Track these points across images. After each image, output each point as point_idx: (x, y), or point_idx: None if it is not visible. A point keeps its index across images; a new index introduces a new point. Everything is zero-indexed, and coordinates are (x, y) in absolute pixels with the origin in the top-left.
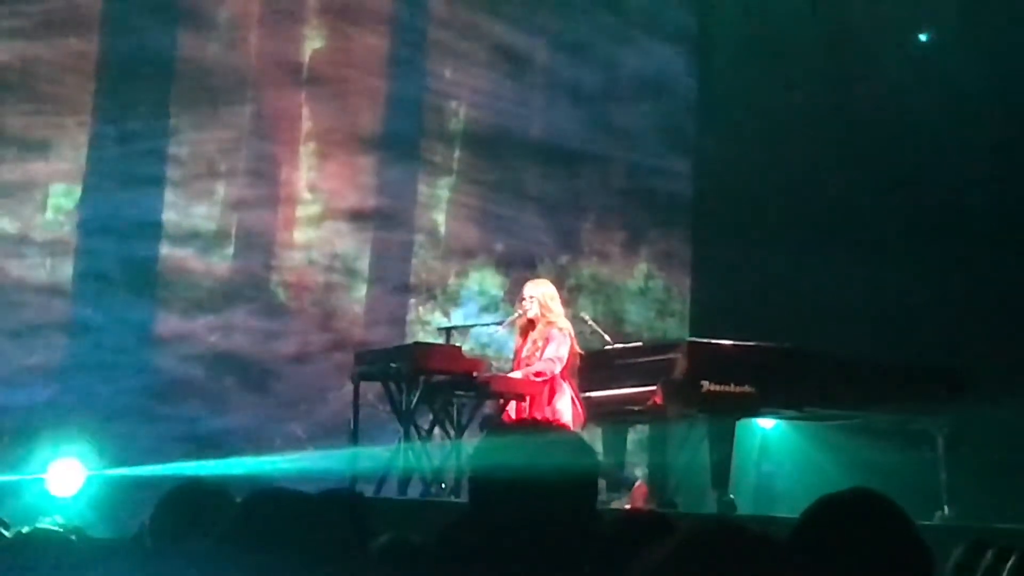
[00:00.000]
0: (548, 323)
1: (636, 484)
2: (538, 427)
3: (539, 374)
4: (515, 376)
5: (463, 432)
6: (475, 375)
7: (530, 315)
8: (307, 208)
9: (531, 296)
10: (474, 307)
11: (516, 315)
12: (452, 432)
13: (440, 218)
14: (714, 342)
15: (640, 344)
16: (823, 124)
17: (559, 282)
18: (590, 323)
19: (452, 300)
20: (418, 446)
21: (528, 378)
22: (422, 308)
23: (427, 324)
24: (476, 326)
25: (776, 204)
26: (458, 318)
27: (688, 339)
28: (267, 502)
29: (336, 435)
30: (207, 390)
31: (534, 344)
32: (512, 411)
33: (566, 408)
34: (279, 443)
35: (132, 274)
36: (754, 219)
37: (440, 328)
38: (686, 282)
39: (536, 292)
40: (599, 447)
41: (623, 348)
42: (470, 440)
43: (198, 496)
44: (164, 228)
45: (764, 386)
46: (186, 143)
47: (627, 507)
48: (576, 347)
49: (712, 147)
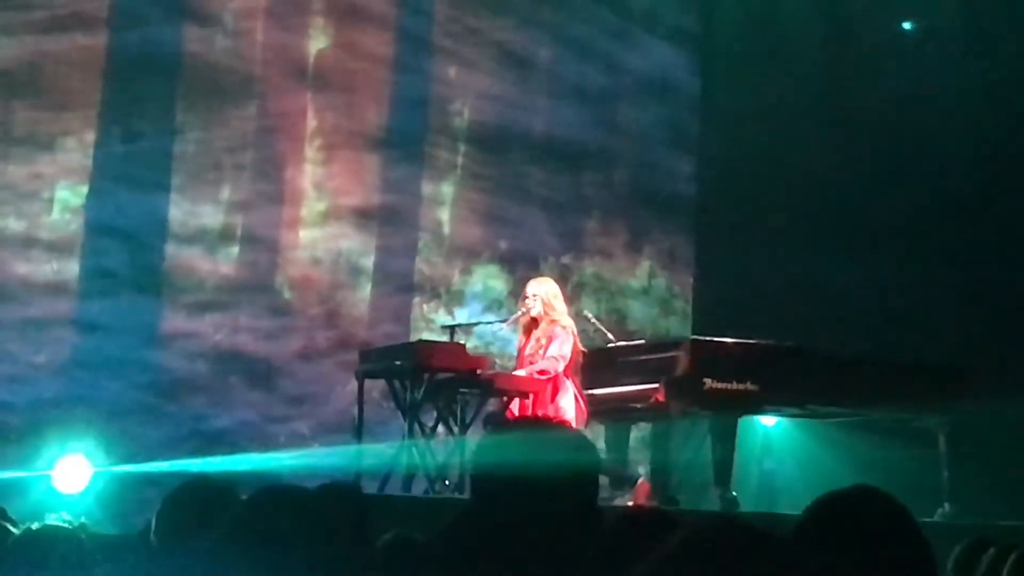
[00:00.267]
0: (551, 321)
1: (639, 481)
2: (539, 424)
3: (543, 372)
4: (519, 374)
5: (467, 429)
6: (479, 373)
7: (533, 313)
8: (312, 207)
9: (534, 294)
10: (478, 305)
11: (519, 313)
12: (456, 429)
13: (444, 217)
14: (716, 340)
15: (643, 342)
16: (826, 123)
17: (562, 280)
18: (593, 321)
19: (456, 298)
20: (422, 443)
21: (532, 376)
22: (426, 306)
23: (431, 322)
24: (480, 324)
25: (779, 203)
26: (462, 316)
27: (691, 337)
28: (272, 499)
29: (341, 432)
30: (212, 388)
31: (537, 342)
32: (515, 408)
33: (569, 406)
34: (284, 440)
35: (138, 272)
36: (757, 217)
37: (444, 326)
38: (689, 280)
39: (539, 290)
40: (602, 444)
41: (626, 346)
42: (474, 437)
43: (204, 493)
44: (170, 227)
45: (766, 384)
46: (192, 142)
47: (630, 504)
48: (579, 345)
49: (715, 146)
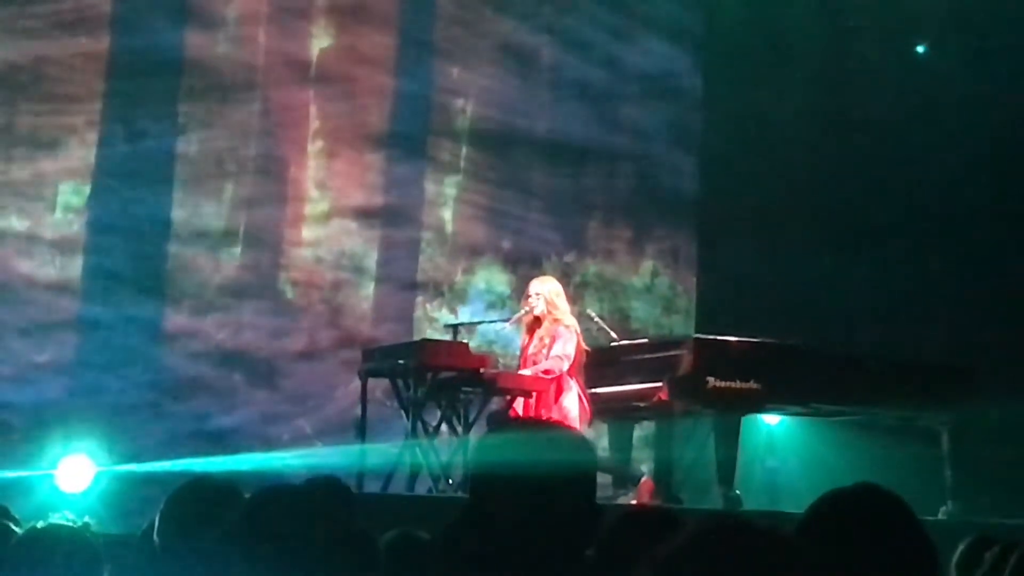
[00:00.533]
0: (554, 320)
1: (642, 480)
2: (538, 425)
3: (547, 372)
4: (524, 373)
5: (470, 428)
6: (482, 372)
7: (536, 312)
8: (315, 206)
9: (537, 293)
10: (481, 304)
11: (522, 312)
12: (459, 428)
13: (447, 216)
14: (720, 338)
15: (646, 341)
16: (828, 122)
17: (565, 279)
18: (596, 320)
19: (459, 297)
20: (425, 442)
21: (537, 375)
22: (429, 305)
23: (434, 321)
24: (483, 323)
25: (781, 201)
26: (465, 315)
27: (694, 335)
28: (274, 498)
29: (344, 431)
30: (215, 387)
31: (540, 341)
32: (519, 408)
33: (573, 405)
34: (287, 439)
35: (141, 272)
36: (760, 216)
37: (447, 325)
38: (692, 279)
39: (542, 289)
40: (605, 443)
41: (629, 345)
42: (477, 436)
43: (207, 492)
44: (173, 226)
45: (769, 382)
46: (194, 141)
47: (633, 503)
48: (582, 344)
49: (718, 145)
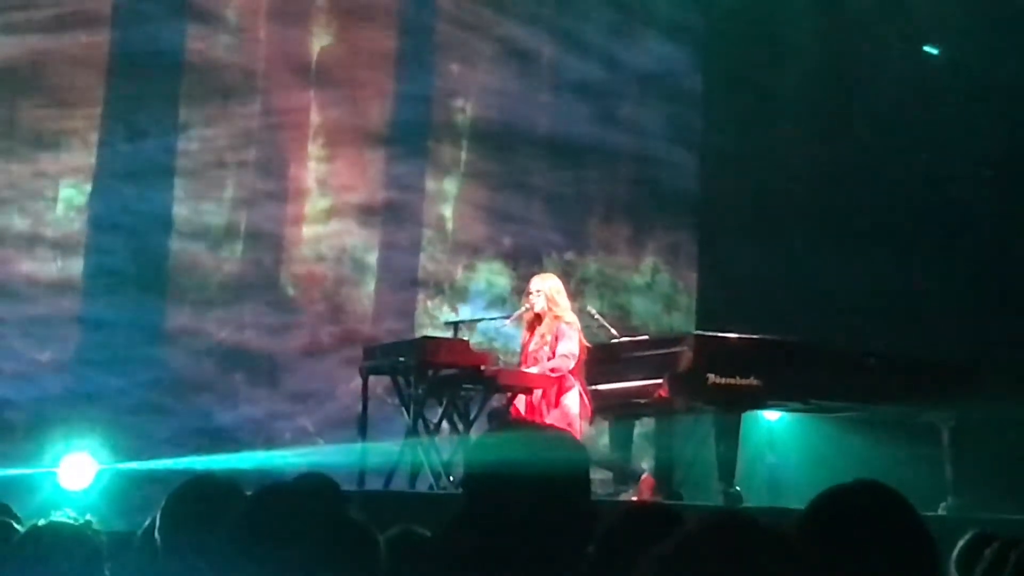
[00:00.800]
0: (555, 317)
1: (643, 476)
2: (532, 426)
3: (554, 370)
4: (531, 371)
5: (471, 425)
6: (482, 369)
7: (537, 309)
8: (316, 204)
9: (538, 290)
10: (481, 302)
11: (523, 309)
12: (460, 425)
13: (448, 213)
14: (720, 335)
15: (646, 337)
16: (828, 120)
17: (566, 276)
18: (597, 317)
19: (460, 295)
20: (426, 440)
21: (544, 373)
22: (430, 303)
23: (435, 318)
24: (483, 320)
25: (782, 198)
26: (466, 313)
27: (694, 332)
28: (276, 495)
29: (345, 429)
30: (217, 384)
31: (541, 338)
32: (520, 405)
33: (574, 402)
34: (289, 437)
35: (142, 270)
36: (760, 213)
37: (448, 322)
38: (692, 276)
39: (543, 286)
40: (606, 440)
41: (629, 341)
42: (478, 433)
43: (208, 490)
44: (174, 224)
45: (770, 379)
46: (196, 139)
47: (634, 499)
48: (583, 341)
49: (718, 142)
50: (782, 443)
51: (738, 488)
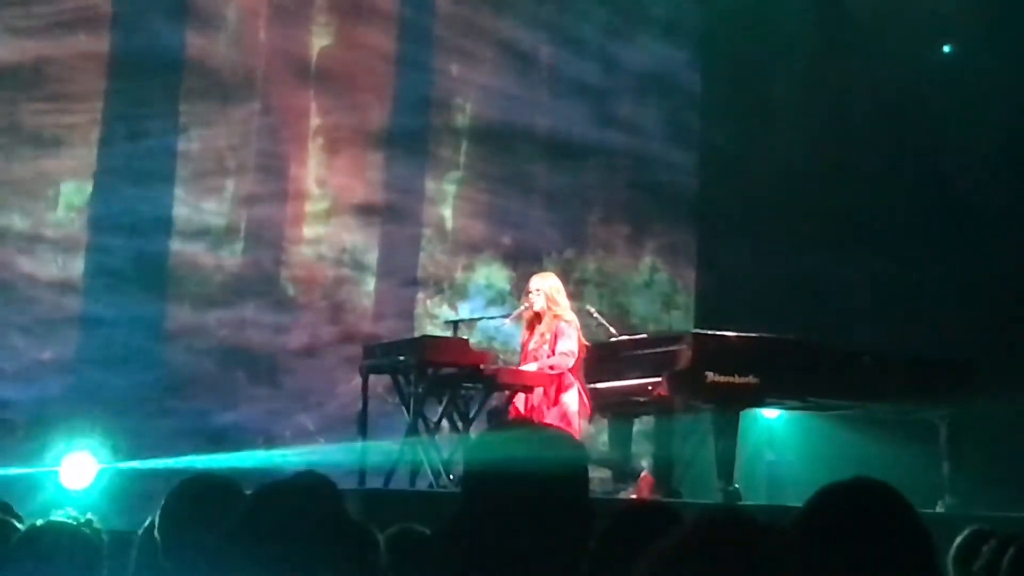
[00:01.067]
0: (555, 316)
1: (642, 474)
2: (530, 425)
3: (553, 368)
4: (529, 369)
5: (471, 424)
6: (482, 368)
7: (536, 308)
8: (316, 203)
9: (537, 289)
10: (481, 300)
11: (523, 308)
12: (460, 424)
13: (447, 213)
14: (718, 333)
15: (645, 336)
16: (826, 118)
17: (565, 275)
18: (596, 316)
19: (459, 294)
20: (426, 438)
21: (543, 371)
22: (430, 302)
23: (435, 317)
24: (483, 319)
25: (780, 197)
26: (465, 312)
27: (692, 331)
28: (276, 494)
29: (345, 427)
30: (218, 384)
31: (541, 337)
32: (520, 404)
33: (573, 400)
34: (289, 436)
35: (143, 269)
36: (758, 212)
37: (447, 321)
38: (691, 275)
39: (542, 285)
40: (605, 438)
41: (628, 340)
42: (477, 432)
43: (206, 489)
44: (174, 224)
45: (768, 377)
46: (196, 139)
47: (633, 497)
48: (582, 339)
49: (717, 141)
50: (781, 441)
51: (737, 486)
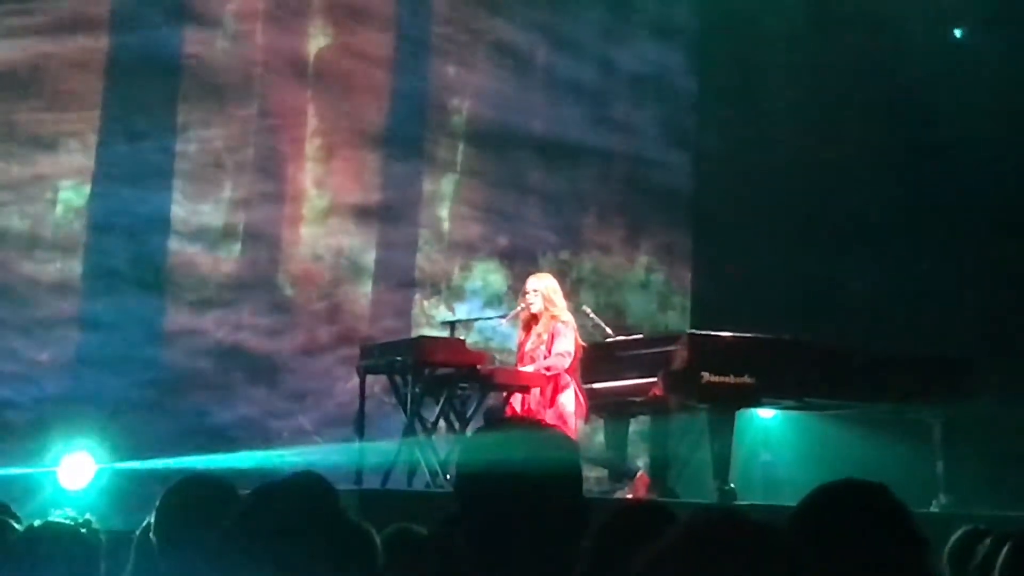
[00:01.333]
0: (551, 317)
1: (638, 474)
2: (523, 424)
3: (549, 369)
4: (527, 370)
5: (467, 424)
6: (478, 368)
7: (533, 309)
8: (313, 204)
9: (534, 290)
10: (478, 301)
11: (519, 309)
12: (457, 424)
13: (444, 213)
14: (714, 334)
15: (641, 336)
16: (821, 118)
17: (561, 276)
18: (592, 316)
19: (456, 294)
20: (424, 438)
21: (539, 372)
22: (427, 302)
23: (432, 318)
24: (480, 320)
25: (776, 198)
26: (462, 312)
27: (688, 331)
28: (273, 494)
29: (343, 427)
30: (215, 384)
31: (538, 337)
32: (516, 404)
33: (569, 401)
34: (287, 436)
35: (141, 270)
36: (754, 213)
37: (444, 322)
38: (686, 275)
39: (539, 286)
40: (601, 438)
41: (624, 340)
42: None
43: (201, 490)
44: (172, 225)
45: (763, 377)
46: (193, 140)
47: (629, 497)
48: (579, 340)
49: (712, 141)
50: (776, 441)
51: (732, 485)
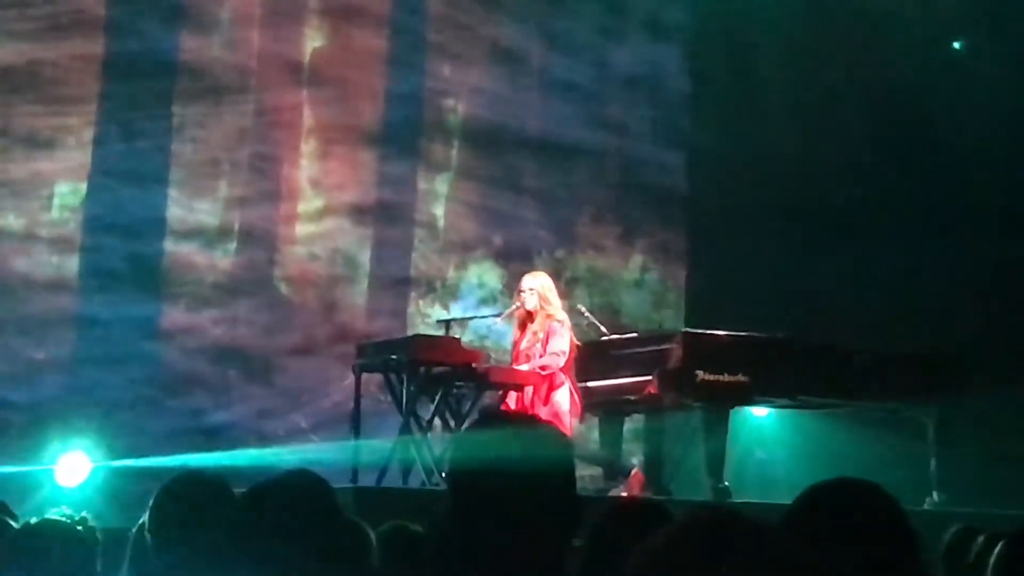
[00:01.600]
0: (547, 315)
1: (632, 472)
2: (516, 420)
3: (544, 368)
4: (521, 368)
5: (463, 422)
6: (474, 366)
7: (528, 307)
8: (309, 203)
9: (529, 288)
10: (473, 300)
11: (514, 307)
12: (452, 422)
13: (439, 212)
14: (708, 332)
15: (636, 335)
16: (815, 118)
17: (556, 274)
18: (586, 315)
19: (451, 293)
20: (419, 436)
21: (534, 370)
22: (422, 301)
23: (427, 317)
24: (475, 318)
25: (769, 196)
26: (457, 311)
27: (683, 329)
28: (269, 492)
29: (338, 426)
30: (211, 383)
31: (534, 336)
32: (511, 402)
33: (564, 399)
34: (282, 434)
35: (137, 269)
36: (748, 211)
37: (440, 320)
38: (681, 274)
39: (534, 284)
40: (596, 436)
41: (619, 339)
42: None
43: (195, 487)
44: (168, 224)
45: (758, 375)
46: (189, 140)
47: (623, 495)
48: (573, 338)
49: (706, 141)
50: (770, 439)
51: (727, 483)
